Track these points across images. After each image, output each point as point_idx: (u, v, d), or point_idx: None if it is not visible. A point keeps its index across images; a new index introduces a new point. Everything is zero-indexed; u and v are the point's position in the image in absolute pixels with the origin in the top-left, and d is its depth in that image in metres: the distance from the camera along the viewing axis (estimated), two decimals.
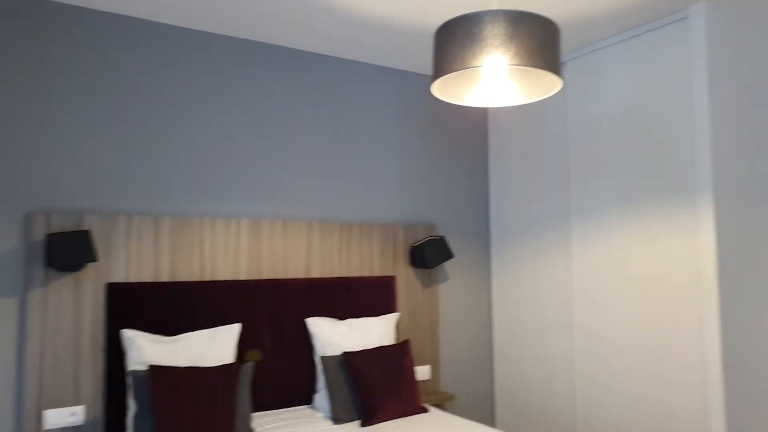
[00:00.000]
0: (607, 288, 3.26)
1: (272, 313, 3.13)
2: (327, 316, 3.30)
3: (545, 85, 2.06)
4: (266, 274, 3.18)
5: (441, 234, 3.93)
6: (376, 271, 3.57)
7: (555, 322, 3.58)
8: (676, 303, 2.90)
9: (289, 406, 3.12)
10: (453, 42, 1.86)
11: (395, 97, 3.80)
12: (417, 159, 3.86)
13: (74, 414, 2.62)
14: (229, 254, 3.07)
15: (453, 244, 3.97)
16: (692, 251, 2.84)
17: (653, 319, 3.00)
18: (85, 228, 2.71)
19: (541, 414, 3.65)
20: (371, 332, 3.24)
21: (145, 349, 2.61)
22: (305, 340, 3.20)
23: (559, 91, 3.62)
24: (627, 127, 3.19)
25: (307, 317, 3.23)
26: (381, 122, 3.73)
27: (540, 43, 1.79)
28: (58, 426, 2.59)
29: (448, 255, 3.68)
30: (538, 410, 3.68)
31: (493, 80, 2.14)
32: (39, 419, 2.56)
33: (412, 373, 3.11)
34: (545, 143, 3.72)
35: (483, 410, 3.99)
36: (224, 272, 3.05)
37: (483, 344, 4.04)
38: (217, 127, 3.15)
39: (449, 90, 2.16)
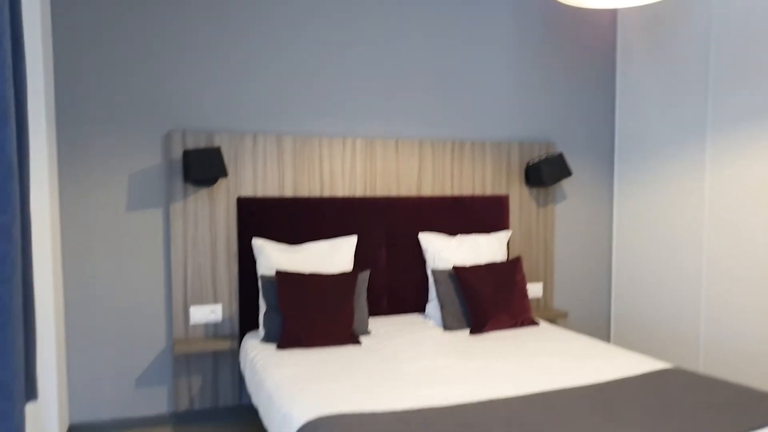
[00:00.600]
0: (743, 210, 3.01)
1: (386, 228, 3.26)
2: (439, 232, 3.37)
3: None
4: (380, 192, 3.29)
5: (560, 151, 3.79)
6: (489, 189, 3.55)
7: (683, 244, 3.39)
8: None
9: (403, 313, 3.29)
10: None
11: (512, 8, 3.62)
12: (535, 72, 3.70)
13: (213, 311, 2.98)
14: (345, 172, 3.21)
15: (574, 162, 3.83)
16: None
17: None
18: (216, 145, 2.95)
19: (661, 333, 3.54)
20: (482, 248, 3.28)
21: (273, 256, 2.86)
22: (418, 253, 3.31)
23: None
24: None
25: (419, 232, 3.33)
26: (497, 35, 3.59)
27: None
28: (202, 321, 2.97)
29: (566, 172, 3.56)
30: (657, 329, 3.57)
31: None
32: (186, 314, 2.94)
33: (523, 288, 3.14)
34: (683, 46, 3.38)
35: (597, 328, 3.95)
36: (341, 189, 3.21)
37: (601, 264, 3.94)
38: (335, 50, 3.22)
39: None
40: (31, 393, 1.10)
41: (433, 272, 3.15)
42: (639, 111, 3.71)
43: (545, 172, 3.51)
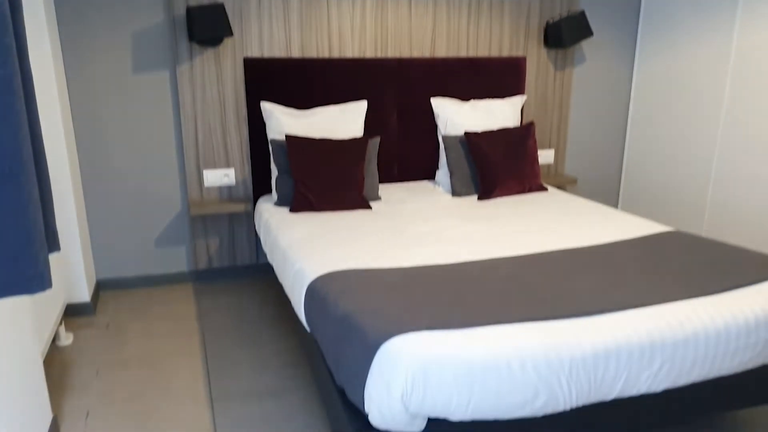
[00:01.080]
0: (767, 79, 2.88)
1: (398, 92, 3.19)
2: (452, 97, 3.30)
3: None
4: (392, 52, 3.17)
5: (581, 8, 3.58)
6: (506, 51, 3.41)
7: (701, 110, 3.30)
8: None
9: (412, 180, 3.33)
10: None
11: None
12: None
13: (227, 175, 3.02)
14: (355, 32, 3.08)
15: (596, 20, 3.62)
16: None
17: None
18: (220, 2, 2.81)
19: (669, 199, 3.58)
20: (495, 114, 3.23)
21: (282, 121, 2.84)
22: (429, 119, 3.27)
23: None
24: None
25: (431, 97, 3.26)
26: None
27: None
28: (216, 185, 3.02)
29: (587, 32, 3.39)
30: (666, 192, 3.60)
31: None
32: (200, 178, 2.99)
33: (534, 155, 3.12)
34: None
35: (606, 194, 3.98)
36: (351, 50, 3.10)
37: (615, 130, 3.88)
38: None
39: None
40: (53, 244, 1.16)
41: (444, 138, 3.12)
42: None
43: (565, 32, 3.34)
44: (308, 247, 2.17)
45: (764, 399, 1.78)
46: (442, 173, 3.21)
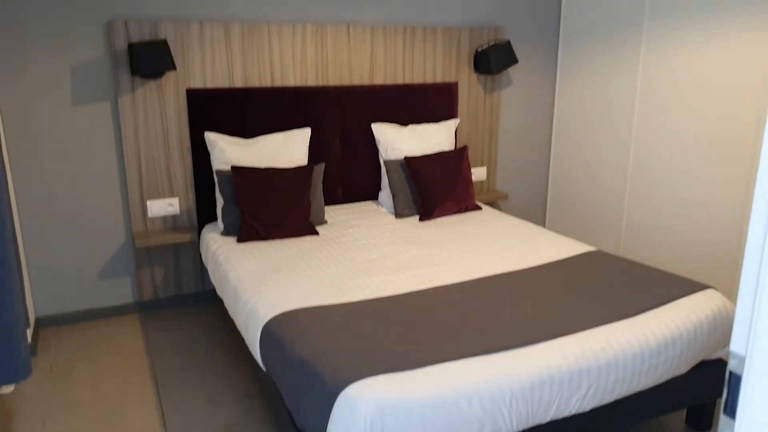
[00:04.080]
0: (669, 96, 3.19)
1: (340, 118, 3.30)
2: (391, 122, 3.44)
3: None
4: (332, 80, 3.28)
5: (508, 37, 3.81)
6: (439, 76, 3.59)
7: (614, 128, 3.60)
8: (734, 116, 2.84)
9: (357, 201, 3.45)
10: None
11: None
12: None
13: (171, 205, 3.04)
14: (296, 61, 3.16)
15: (520, 48, 3.86)
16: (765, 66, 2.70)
17: (709, 132, 2.98)
18: (161, 36, 2.82)
19: (590, 211, 3.88)
20: (432, 138, 3.40)
21: (227, 150, 2.89)
22: (371, 143, 3.40)
23: None
24: None
25: (372, 123, 3.39)
26: None
27: None
28: (160, 215, 3.03)
29: (512, 60, 3.62)
30: (588, 208, 3.90)
31: None
32: (144, 208, 2.99)
33: (468, 176, 3.32)
34: None
35: (535, 209, 4.25)
36: (293, 78, 3.17)
37: (541, 148, 4.15)
38: None
39: None
40: (26, 321, 1.19)
41: (386, 162, 3.26)
42: (583, 0, 3.72)
43: (493, 60, 3.55)
44: (259, 283, 2.24)
45: (674, 407, 2.04)
46: (385, 194, 3.35)
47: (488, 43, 3.64)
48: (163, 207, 3.02)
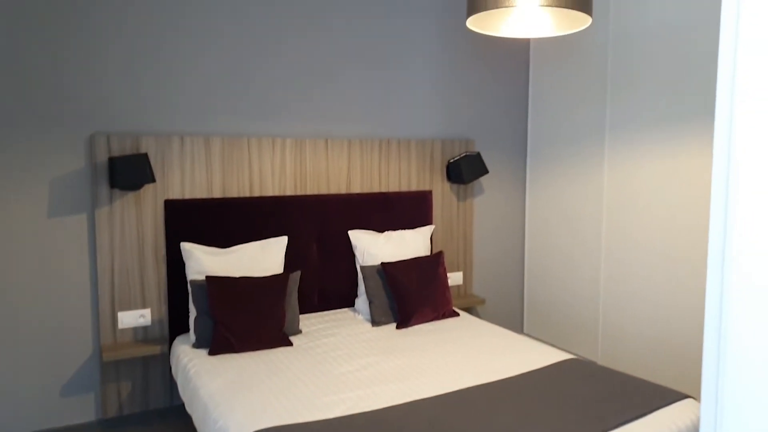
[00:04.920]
0: (634, 204, 3.33)
1: (317, 226, 3.35)
2: (367, 229, 3.51)
3: (578, 19, 2.05)
4: (310, 190, 3.36)
5: (479, 149, 4.00)
6: (414, 185, 3.71)
7: (584, 233, 3.71)
8: (700, 220, 2.97)
9: (333, 309, 3.42)
10: None
11: (435, 12, 3.73)
12: (456, 75, 3.85)
13: (143, 316, 2.98)
14: (275, 172, 3.26)
15: (490, 158, 4.05)
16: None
17: (675, 235, 3.09)
18: (143, 149, 2.91)
19: (566, 318, 3.88)
20: (408, 244, 3.45)
21: (202, 260, 2.89)
22: (347, 250, 3.43)
23: (604, 4, 3.49)
24: (667, 44, 3.09)
25: (349, 230, 3.44)
26: (420, 39, 3.70)
27: None
28: (131, 326, 2.96)
29: (483, 171, 3.77)
30: (564, 313, 3.91)
31: (527, 13, 2.13)
32: (114, 320, 2.93)
33: (444, 282, 3.34)
34: (585, 59, 3.64)
35: (512, 313, 4.25)
36: (271, 189, 3.25)
37: (515, 253, 4.23)
38: (263, 51, 3.22)
39: (485, 21, 2.17)
40: None
41: (362, 269, 3.28)
42: (548, 114, 3.97)
43: (464, 170, 3.70)
44: (230, 400, 2.17)
45: None
46: (362, 301, 3.33)
47: (460, 155, 3.82)
48: (134, 318, 2.96)
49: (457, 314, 3.32)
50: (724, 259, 0.55)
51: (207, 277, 2.79)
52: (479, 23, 2.16)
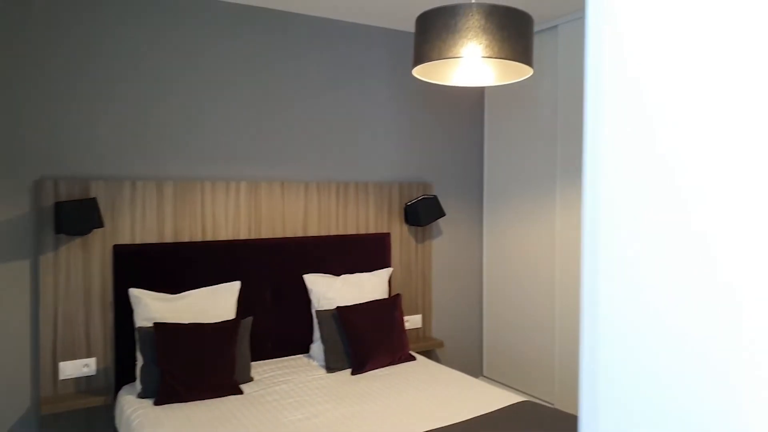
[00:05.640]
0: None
1: (272, 270, 3.32)
2: (324, 273, 3.48)
3: (520, 69, 2.13)
4: (265, 233, 3.34)
5: (436, 192, 4.05)
6: (372, 228, 3.72)
7: (538, 274, 3.75)
8: None
9: (288, 355, 3.36)
10: (432, 31, 1.93)
11: (391, 57, 3.83)
12: (413, 120, 3.93)
13: (87, 365, 2.87)
14: (229, 215, 3.23)
15: (448, 202, 4.10)
16: None
17: None
18: (92, 194, 2.86)
19: (524, 360, 3.89)
20: (365, 287, 3.43)
21: (151, 307, 2.82)
22: (303, 294, 3.40)
23: (552, 55, 3.64)
24: None
25: (305, 273, 3.41)
26: (377, 84, 3.78)
27: (510, 34, 1.86)
28: (73, 376, 2.85)
29: (440, 213, 3.82)
30: (520, 356, 3.92)
31: (472, 64, 2.21)
32: (55, 370, 2.82)
33: (401, 325, 3.32)
34: (537, 102, 3.77)
35: (471, 356, 4.24)
36: (225, 233, 3.22)
37: (473, 294, 4.24)
38: (218, 94, 3.24)
39: (431, 71, 2.23)
40: None
41: (318, 313, 3.24)
42: (503, 158, 4.06)
43: (422, 213, 3.74)
44: None
45: None
46: (317, 346, 3.28)
47: (417, 198, 3.86)
48: (77, 368, 2.85)
49: (414, 358, 3.30)
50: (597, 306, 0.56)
51: (155, 323, 2.72)
52: (427, 73, 2.23)
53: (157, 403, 2.58)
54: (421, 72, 2.19)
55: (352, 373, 3.06)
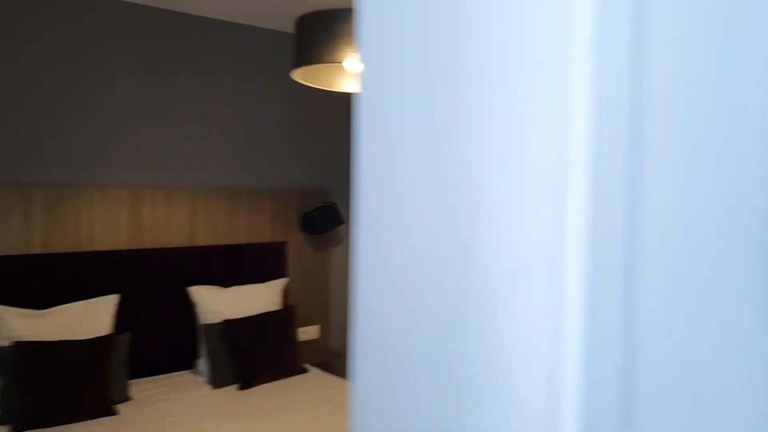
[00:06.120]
0: None
1: (155, 282, 3.13)
2: (214, 284, 3.33)
3: None
4: (148, 243, 3.15)
5: (336, 200, 4.00)
6: (267, 237, 3.61)
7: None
8: None
9: (172, 372, 3.18)
10: (314, 34, 1.88)
11: (281, 60, 3.75)
12: (310, 126, 3.87)
13: None
14: (107, 225, 3.02)
15: (348, 209, 4.06)
16: None
17: None
18: None
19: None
20: (257, 298, 3.32)
21: (12, 324, 2.57)
22: (188, 308, 3.23)
23: None
24: None
25: (192, 285, 3.25)
26: (270, 88, 3.69)
27: None
28: None
29: (339, 221, 3.77)
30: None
31: (355, 70, 2.19)
32: None
33: (293, 337, 3.24)
34: None
35: None
36: (102, 243, 3.01)
37: None
38: (94, 92, 3.02)
39: (313, 75, 2.19)
40: None
41: (204, 327, 3.09)
42: None
43: (320, 221, 3.68)
44: None
45: None
46: (202, 362, 3.13)
47: (316, 206, 3.79)
48: None
49: (306, 371, 3.22)
50: None
51: (17, 343, 2.48)
52: (310, 77, 2.18)
53: (17, 430, 2.35)
54: (303, 76, 2.14)
55: (240, 389, 2.94)
